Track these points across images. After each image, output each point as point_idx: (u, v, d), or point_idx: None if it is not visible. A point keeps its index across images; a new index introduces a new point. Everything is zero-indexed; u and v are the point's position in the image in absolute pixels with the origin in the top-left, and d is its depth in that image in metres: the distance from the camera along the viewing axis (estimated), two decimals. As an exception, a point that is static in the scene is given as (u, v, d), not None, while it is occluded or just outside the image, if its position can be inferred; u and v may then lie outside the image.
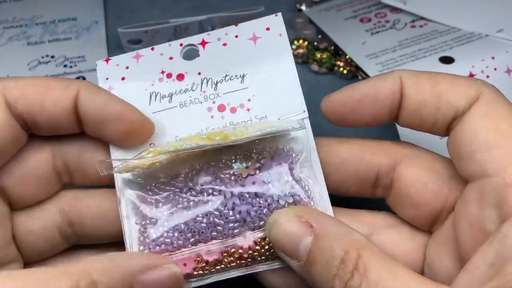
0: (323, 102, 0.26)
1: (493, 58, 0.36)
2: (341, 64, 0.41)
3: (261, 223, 0.25)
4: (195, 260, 0.25)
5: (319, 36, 0.44)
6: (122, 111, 0.26)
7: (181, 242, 0.25)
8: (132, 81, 0.28)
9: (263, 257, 0.25)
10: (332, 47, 0.43)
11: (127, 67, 0.28)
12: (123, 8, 0.47)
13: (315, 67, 0.42)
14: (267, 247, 0.25)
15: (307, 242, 0.22)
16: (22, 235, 0.27)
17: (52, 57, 0.42)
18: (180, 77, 0.28)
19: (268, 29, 0.28)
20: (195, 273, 0.25)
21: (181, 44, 0.28)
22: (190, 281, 0.25)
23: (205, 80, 0.28)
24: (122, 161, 0.25)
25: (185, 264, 0.25)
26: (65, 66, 0.42)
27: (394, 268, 0.20)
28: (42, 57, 0.42)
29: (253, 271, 0.26)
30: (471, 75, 0.35)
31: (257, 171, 0.26)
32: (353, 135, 0.30)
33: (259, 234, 0.25)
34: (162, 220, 0.26)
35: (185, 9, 0.46)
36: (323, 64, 0.42)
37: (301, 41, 0.43)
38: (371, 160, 0.26)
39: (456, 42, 0.38)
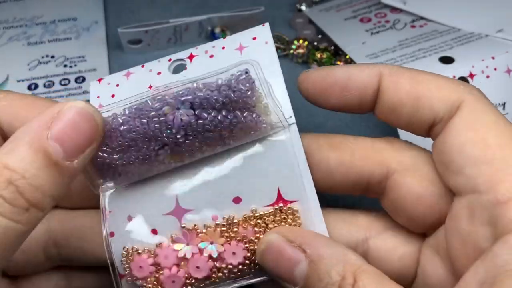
0: (300, 76, 0.26)
1: (493, 58, 0.36)
2: (341, 64, 0.41)
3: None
4: (183, 277, 0.25)
5: (319, 36, 0.44)
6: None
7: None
8: (120, 97, 0.28)
9: (253, 270, 0.25)
10: (332, 47, 0.43)
11: (117, 85, 0.28)
12: (123, 8, 0.47)
13: (315, 67, 0.42)
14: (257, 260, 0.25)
15: (302, 267, 0.22)
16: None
17: (52, 57, 0.42)
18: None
19: (254, 38, 0.28)
20: None
21: (169, 60, 0.28)
22: None
23: None
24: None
25: (173, 282, 0.25)
26: (65, 66, 0.42)
27: None
28: (42, 57, 0.42)
29: (245, 283, 0.25)
30: (471, 75, 0.35)
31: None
32: (355, 132, 0.30)
33: (247, 250, 0.25)
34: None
35: (185, 9, 0.46)
36: (323, 64, 0.42)
37: (301, 41, 0.43)
38: (362, 169, 0.25)
39: (456, 42, 0.38)
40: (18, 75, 0.41)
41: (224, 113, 0.24)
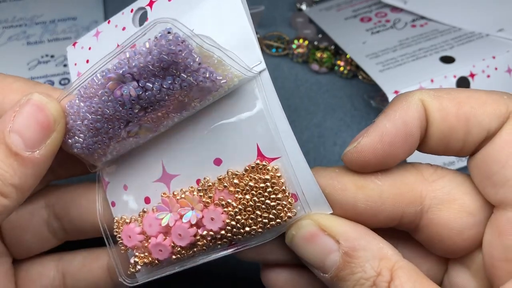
0: (348, 155, 0.23)
1: (493, 57, 0.36)
2: (342, 63, 0.41)
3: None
4: (169, 245, 0.24)
5: (320, 36, 0.44)
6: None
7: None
8: (94, 62, 0.26)
9: (240, 236, 0.24)
10: (333, 47, 0.42)
11: (89, 48, 0.27)
12: (122, 8, 0.46)
13: (315, 66, 0.42)
14: (238, 225, 0.23)
15: (334, 257, 0.21)
16: (8, 230, 0.27)
17: (52, 56, 0.42)
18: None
19: None
20: (173, 257, 0.25)
21: (131, 10, 0.27)
22: (172, 265, 0.25)
23: None
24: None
25: (160, 250, 0.25)
26: (64, 65, 0.42)
27: None
28: (42, 57, 0.42)
29: (237, 250, 0.24)
30: (472, 75, 0.35)
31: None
32: (354, 131, 0.30)
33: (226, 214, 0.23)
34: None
35: (185, 9, 0.46)
36: (323, 64, 0.42)
37: (301, 41, 0.42)
38: (393, 210, 0.23)
39: (456, 42, 0.38)
40: (18, 75, 0.41)
41: (169, 80, 0.22)
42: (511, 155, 0.21)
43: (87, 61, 0.27)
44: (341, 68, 0.41)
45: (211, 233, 0.24)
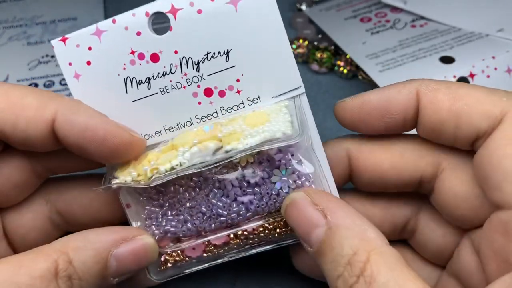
0: (335, 107, 0.26)
1: (493, 57, 0.36)
2: (341, 63, 0.41)
3: (265, 214, 0.25)
4: (203, 243, 0.26)
5: (319, 36, 0.44)
6: (106, 135, 0.23)
7: (185, 232, 0.25)
8: (99, 65, 0.24)
9: (270, 237, 0.26)
10: (332, 47, 0.43)
11: (89, 48, 0.24)
12: (123, 8, 0.46)
13: (315, 66, 0.42)
14: (271, 226, 0.25)
15: (320, 232, 0.22)
16: (13, 230, 0.26)
17: (52, 56, 0.42)
18: (155, 57, 0.24)
19: None
20: (205, 255, 0.26)
21: (147, 14, 0.24)
22: (203, 262, 0.26)
23: (184, 60, 0.24)
24: (120, 184, 0.24)
25: (194, 249, 0.26)
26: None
27: (405, 282, 0.19)
28: (42, 57, 0.42)
29: (261, 250, 0.26)
30: (472, 75, 0.35)
31: (256, 160, 0.25)
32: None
33: (263, 220, 0.25)
34: (165, 215, 0.26)
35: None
36: (323, 64, 0.42)
37: (301, 41, 0.43)
38: (414, 169, 0.25)
39: (456, 42, 0.38)
40: (18, 75, 0.41)
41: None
42: (501, 158, 0.21)
43: (88, 63, 0.25)
44: (341, 68, 0.41)
45: (245, 233, 0.25)
